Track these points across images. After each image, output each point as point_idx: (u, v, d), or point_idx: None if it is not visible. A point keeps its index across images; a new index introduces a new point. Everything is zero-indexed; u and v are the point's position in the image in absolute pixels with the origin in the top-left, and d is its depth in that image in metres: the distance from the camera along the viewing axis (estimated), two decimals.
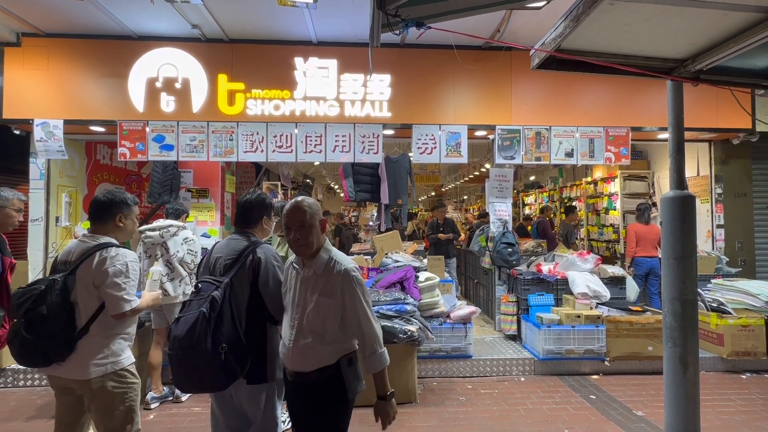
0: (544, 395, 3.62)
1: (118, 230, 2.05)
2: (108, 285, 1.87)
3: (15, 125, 4.82)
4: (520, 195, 12.28)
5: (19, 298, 1.84)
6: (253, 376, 1.83)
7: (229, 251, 1.94)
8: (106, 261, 1.89)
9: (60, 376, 1.88)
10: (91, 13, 4.25)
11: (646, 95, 5.13)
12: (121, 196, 2.04)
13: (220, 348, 1.68)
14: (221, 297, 1.77)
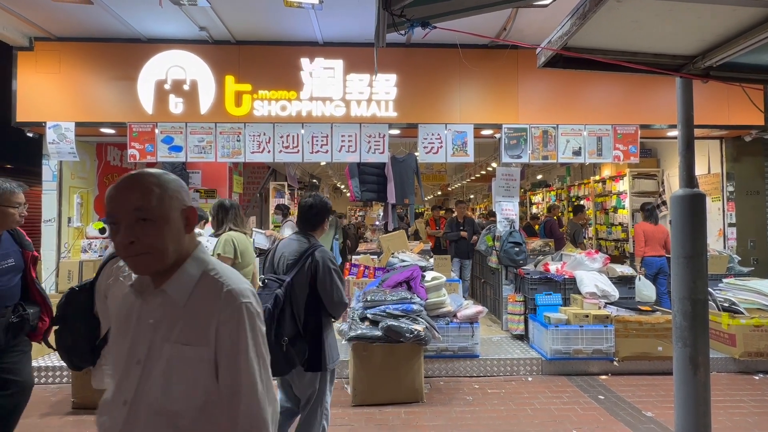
0: (552, 395, 3.60)
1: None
2: None
3: (28, 128, 4.91)
4: (527, 194, 12.19)
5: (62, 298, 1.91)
6: (310, 364, 2.08)
7: (291, 252, 2.18)
8: None
9: None
10: (102, 17, 4.32)
11: (655, 92, 5.06)
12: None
13: (281, 341, 1.91)
14: (283, 295, 2.00)
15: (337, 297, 2.12)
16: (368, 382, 3.39)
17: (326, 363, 2.12)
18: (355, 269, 4.71)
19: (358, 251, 6.13)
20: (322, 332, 2.13)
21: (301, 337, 2.04)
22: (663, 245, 5.23)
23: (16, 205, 2.14)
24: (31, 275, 2.22)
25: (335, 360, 2.21)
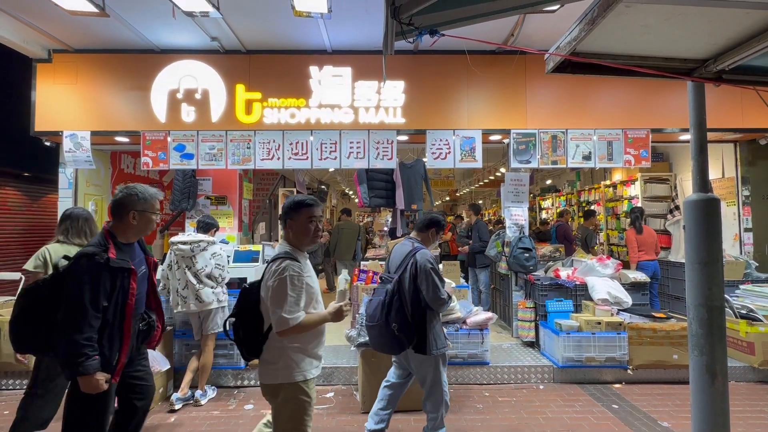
0: (564, 404, 3.53)
1: (289, 238, 2.11)
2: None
3: (46, 137, 5.05)
4: (537, 199, 12.09)
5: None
6: (418, 348, 2.50)
7: (399, 254, 2.66)
8: (267, 274, 1.91)
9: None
10: (117, 29, 4.44)
11: (667, 96, 5.01)
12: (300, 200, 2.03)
13: (392, 326, 2.43)
14: (392, 290, 2.51)
15: (432, 293, 2.47)
16: (377, 388, 3.35)
17: (430, 348, 2.50)
18: (364, 275, 4.71)
19: (366, 257, 6.13)
20: (426, 322, 2.51)
21: (409, 324, 2.47)
22: (655, 249, 5.35)
23: (157, 212, 2.15)
24: (153, 282, 2.27)
25: (441, 347, 2.57)
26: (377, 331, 2.53)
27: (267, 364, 1.90)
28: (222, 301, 3.64)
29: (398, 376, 2.84)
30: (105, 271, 1.89)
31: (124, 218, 2.03)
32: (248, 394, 3.77)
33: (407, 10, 1.74)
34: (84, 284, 1.85)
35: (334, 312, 1.95)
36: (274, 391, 1.89)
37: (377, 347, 2.67)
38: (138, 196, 2.05)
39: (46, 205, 8.43)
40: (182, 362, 3.85)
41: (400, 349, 2.50)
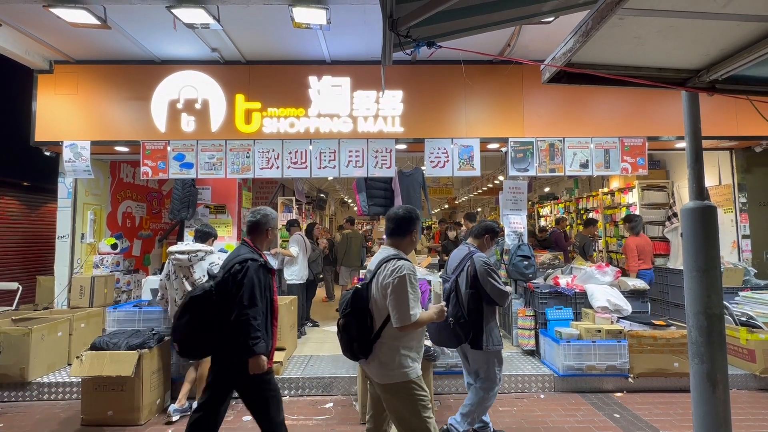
0: (566, 413, 3.50)
1: (410, 244, 2.20)
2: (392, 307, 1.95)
3: (46, 147, 5.06)
4: (535, 206, 12.13)
5: (345, 297, 2.11)
6: (474, 342, 2.72)
7: (457, 258, 2.93)
8: (385, 276, 1.98)
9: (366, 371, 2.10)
10: (118, 40, 4.49)
11: (662, 104, 5.07)
12: (415, 214, 2.19)
13: (448, 320, 2.66)
14: (449, 289, 2.81)
15: (492, 288, 2.71)
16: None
17: (485, 344, 2.70)
18: None
19: (365, 265, 6.12)
20: (482, 319, 2.73)
21: (466, 320, 2.69)
22: (651, 257, 5.37)
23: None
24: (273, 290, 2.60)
25: (496, 344, 2.79)
26: (437, 326, 2.75)
27: (382, 365, 1.98)
28: None
29: (469, 373, 3.06)
30: (264, 270, 2.36)
31: (262, 234, 2.52)
32: None
33: (405, 23, 1.77)
34: (254, 281, 2.28)
35: (438, 311, 2.09)
36: (392, 389, 1.98)
37: (436, 341, 2.89)
38: (270, 216, 2.54)
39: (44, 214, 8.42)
40: (180, 373, 3.81)
41: (457, 342, 2.73)
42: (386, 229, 2.19)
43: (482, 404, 2.85)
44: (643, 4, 1.44)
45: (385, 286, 1.96)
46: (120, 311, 4.01)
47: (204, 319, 2.27)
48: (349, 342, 2.02)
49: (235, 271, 2.30)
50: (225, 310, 2.28)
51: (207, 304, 2.27)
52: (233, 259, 2.38)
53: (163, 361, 3.69)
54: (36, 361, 3.95)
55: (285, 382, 3.94)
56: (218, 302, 2.29)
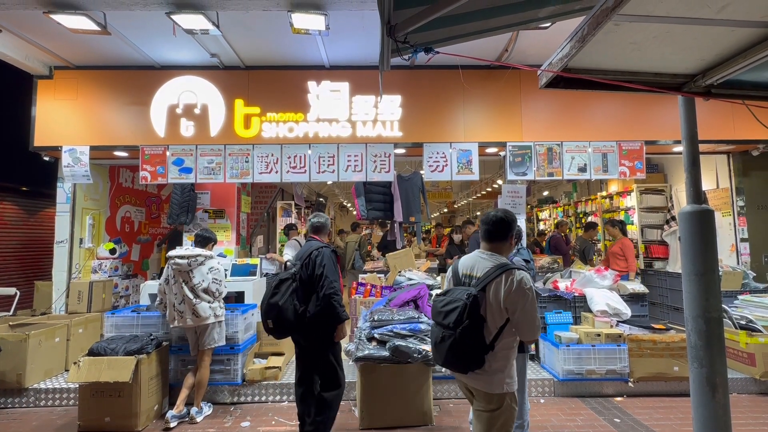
0: (566, 418, 3.49)
1: (509, 249, 2.18)
2: (518, 314, 1.95)
3: (45, 152, 5.07)
4: (534, 210, 12.15)
5: (444, 305, 2.03)
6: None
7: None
8: (514, 287, 1.94)
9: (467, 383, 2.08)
10: (118, 46, 4.52)
11: (660, 108, 5.10)
12: (513, 216, 2.17)
13: None
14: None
15: None
16: (376, 404, 3.32)
17: (524, 347, 2.64)
18: (362, 288, 4.69)
19: (364, 270, 6.11)
20: None
21: None
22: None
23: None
24: None
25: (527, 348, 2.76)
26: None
27: (496, 374, 1.97)
28: (219, 315, 3.61)
29: None
30: (335, 255, 2.91)
31: (324, 234, 3.11)
32: (245, 411, 3.71)
33: (402, 29, 1.78)
34: (332, 260, 2.83)
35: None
36: (497, 399, 1.97)
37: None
38: (328, 221, 3.11)
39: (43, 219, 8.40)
40: (178, 378, 3.79)
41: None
42: (484, 233, 2.15)
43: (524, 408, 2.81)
44: (639, 10, 1.46)
45: (513, 301, 1.92)
46: (118, 316, 4.00)
47: (291, 296, 2.72)
48: (464, 353, 1.93)
49: (315, 256, 2.81)
50: (307, 291, 2.78)
51: (294, 286, 2.75)
52: (308, 249, 2.89)
53: (161, 367, 3.67)
54: (33, 367, 3.93)
55: (284, 387, 3.92)
56: (303, 283, 2.78)
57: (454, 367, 2.01)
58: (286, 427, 3.39)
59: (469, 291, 1.96)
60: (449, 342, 1.93)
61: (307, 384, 2.90)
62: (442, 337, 1.97)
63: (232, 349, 3.88)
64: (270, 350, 4.34)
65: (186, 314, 3.46)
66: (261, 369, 3.96)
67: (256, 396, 3.90)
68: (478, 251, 2.17)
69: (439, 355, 2.00)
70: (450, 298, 2.01)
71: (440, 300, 2.06)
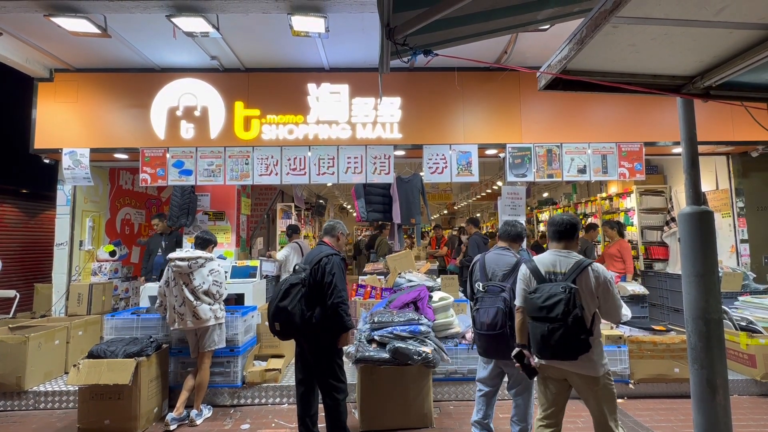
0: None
1: (576, 246, 2.45)
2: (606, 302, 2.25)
3: (45, 154, 5.08)
4: (534, 212, 12.15)
5: (545, 301, 2.20)
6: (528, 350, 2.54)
7: (504, 264, 2.76)
8: (601, 278, 2.24)
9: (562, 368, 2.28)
10: (119, 48, 4.53)
11: (659, 110, 5.11)
12: (578, 219, 2.49)
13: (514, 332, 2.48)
14: (510, 298, 2.58)
15: None
16: (376, 406, 3.32)
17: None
18: (362, 290, 4.69)
19: (364, 271, 6.11)
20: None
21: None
22: None
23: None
24: None
25: None
26: (500, 339, 2.59)
27: (593, 357, 2.21)
28: (219, 318, 3.60)
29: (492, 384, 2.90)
30: (344, 263, 2.91)
31: (335, 237, 3.12)
32: (244, 413, 3.70)
33: (402, 32, 1.79)
34: (342, 271, 2.83)
35: None
36: (602, 381, 2.24)
37: (494, 354, 2.74)
38: (341, 224, 3.17)
39: (43, 221, 8.40)
40: (178, 381, 3.79)
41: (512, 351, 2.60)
42: (555, 234, 2.42)
43: (530, 411, 2.81)
44: (637, 13, 1.47)
45: (604, 289, 2.23)
46: (118, 319, 3.99)
47: (299, 301, 2.77)
48: (575, 340, 2.13)
49: (324, 263, 2.81)
50: (314, 296, 2.80)
51: (304, 291, 2.79)
52: (319, 254, 2.89)
53: (161, 369, 3.66)
54: (33, 370, 3.92)
55: (284, 390, 3.91)
56: (310, 287, 2.81)
57: (564, 356, 2.18)
58: (286, 430, 3.39)
59: (566, 285, 2.18)
60: (560, 332, 2.12)
61: (308, 384, 2.93)
62: (550, 329, 2.14)
63: (232, 352, 3.87)
64: (270, 352, 4.34)
65: (186, 316, 3.46)
66: (261, 371, 3.95)
67: (256, 398, 3.89)
68: (553, 251, 2.42)
69: (547, 347, 2.18)
70: (547, 293, 2.19)
71: (536, 297, 2.24)
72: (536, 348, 2.25)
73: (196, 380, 3.53)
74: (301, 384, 2.93)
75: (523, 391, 2.78)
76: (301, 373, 2.95)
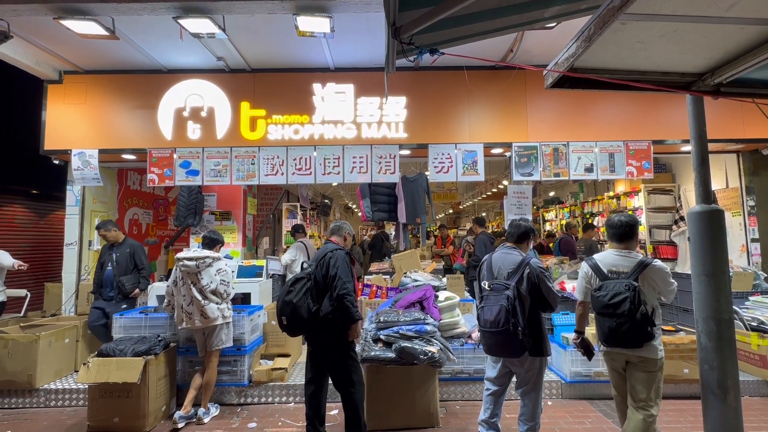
0: (574, 421, 3.45)
1: (636, 244, 2.65)
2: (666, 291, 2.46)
3: (55, 156, 5.14)
4: (540, 211, 12.07)
5: (611, 298, 2.41)
6: (536, 350, 2.64)
7: (509, 263, 2.74)
8: (661, 273, 2.44)
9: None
10: (126, 50, 4.57)
11: (668, 107, 5.05)
12: (637, 219, 2.66)
13: (519, 329, 2.51)
14: (513, 296, 2.57)
15: (552, 296, 2.64)
16: (382, 405, 3.32)
17: (546, 350, 2.67)
18: (368, 289, 4.69)
19: (370, 271, 6.11)
20: (540, 325, 2.68)
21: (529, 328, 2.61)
22: None
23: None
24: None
25: (549, 350, 2.75)
26: (502, 336, 2.60)
27: (654, 343, 2.40)
28: (227, 317, 3.63)
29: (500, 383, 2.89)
30: (348, 257, 2.97)
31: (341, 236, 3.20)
32: (251, 412, 3.73)
33: (408, 31, 1.79)
34: (346, 262, 2.89)
35: None
36: (654, 363, 2.41)
37: (497, 351, 2.76)
38: (347, 225, 3.26)
39: (53, 222, 8.51)
40: (185, 379, 3.82)
41: (523, 351, 2.61)
42: (615, 235, 2.61)
43: (537, 411, 2.76)
44: (645, 9, 1.45)
45: (663, 282, 2.43)
46: (126, 318, 4.04)
47: (305, 294, 2.80)
48: (642, 332, 2.33)
49: (329, 257, 2.88)
50: (321, 291, 2.84)
51: (309, 285, 2.83)
52: (325, 251, 2.95)
53: (169, 368, 3.70)
54: (43, 368, 3.98)
55: (290, 389, 3.93)
56: (317, 283, 2.85)
57: (630, 345, 2.40)
58: (292, 429, 3.40)
59: (628, 283, 2.37)
60: (626, 326, 2.33)
61: (317, 383, 2.95)
62: (617, 324, 2.36)
63: (238, 351, 3.89)
64: (276, 351, 4.36)
65: (194, 315, 3.49)
66: (267, 370, 3.97)
67: (262, 397, 3.91)
68: (614, 251, 2.59)
69: (614, 338, 2.40)
70: (612, 291, 2.40)
71: (601, 295, 2.44)
72: (603, 338, 2.49)
73: (204, 379, 3.56)
74: (311, 383, 2.94)
75: (531, 390, 2.75)
76: (312, 371, 2.95)
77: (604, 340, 2.49)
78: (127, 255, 4.49)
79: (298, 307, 2.77)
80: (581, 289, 2.68)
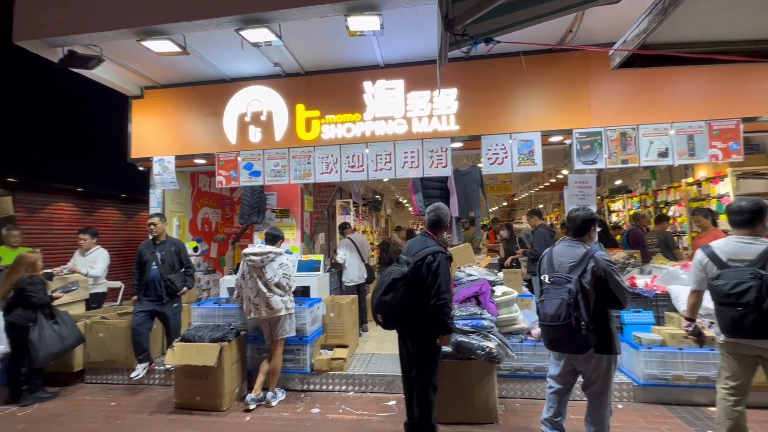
0: (649, 426, 3.21)
1: (765, 230, 2.50)
2: None
3: (140, 163, 5.78)
4: (605, 201, 11.19)
5: (732, 288, 2.32)
6: (603, 347, 2.51)
7: (571, 256, 2.62)
8: None
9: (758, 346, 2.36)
10: (195, 63, 5.00)
11: (760, 79, 4.42)
12: (765, 203, 2.49)
13: (581, 324, 2.40)
14: (575, 290, 2.46)
15: (621, 290, 2.48)
16: (440, 399, 3.32)
17: (616, 347, 2.53)
18: None
19: None
20: (608, 321, 2.54)
21: (594, 323, 2.47)
22: None
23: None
24: None
25: (620, 348, 2.62)
26: (564, 331, 2.49)
27: None
28: (290, 308, 3.86)
29: (563, 382, 2.78)
30: (449, 262, 2.80)
31: (442, 228, 2.96)
32: (314, 398, 3.94)
33: (461, 22, 1.76)
34: (446, 272, 2.73)
35: None
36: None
37: (558, 347, 2.65)
38: (445, 212, 2.95)
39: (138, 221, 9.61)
40: (254, 365, 4.14)
41: (587, 347, 2.48)
42: (741, 222, 2.47)
43: (606, 413, 2.60)
44: None
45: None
46: (203, 307, 4.45)
47: (402, 297, 2.73)
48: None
49: (429, 261, 2.72)
50: (417, 290, 2.73)
51: (404, 285, 2.74)
52: (423, 249, 2.79)
53: (240, 354, 4.03)
54: None
55: (349, 378, 4.08)
56: (412, 283, 2.74)
57: (761, 335, 2.27)
58: (353, 416, 3.54)
59: (754, 271, 2.26)
60: (752, 317, 2.23)
61: (407, 376, 2.95)
62: (741, 314, 2.26)
63: (301, 340, 4.13)
64: (335, 342, 4.55)
65: (261, 306, 3.75)
66: (327, 360, 4.17)
67: (323, 385, 4.11)
68: (735, 237, 2.46)
69: (739, 329, 2.30)
70: (734, 280, 2.30)
71: (721, 284, 2.35)
72: (725, 329, 2.37)
73: (271, 365, 3.82)
74: (407, 388, 2.94)
75: (599, 391, 2.59)
76: (405, 375, 2.95)
77: (727, 330, 2.37)
78: (172, 253, 4.43)
79: (395, 309, 2.75)
80: (694, 277, 2.61)
